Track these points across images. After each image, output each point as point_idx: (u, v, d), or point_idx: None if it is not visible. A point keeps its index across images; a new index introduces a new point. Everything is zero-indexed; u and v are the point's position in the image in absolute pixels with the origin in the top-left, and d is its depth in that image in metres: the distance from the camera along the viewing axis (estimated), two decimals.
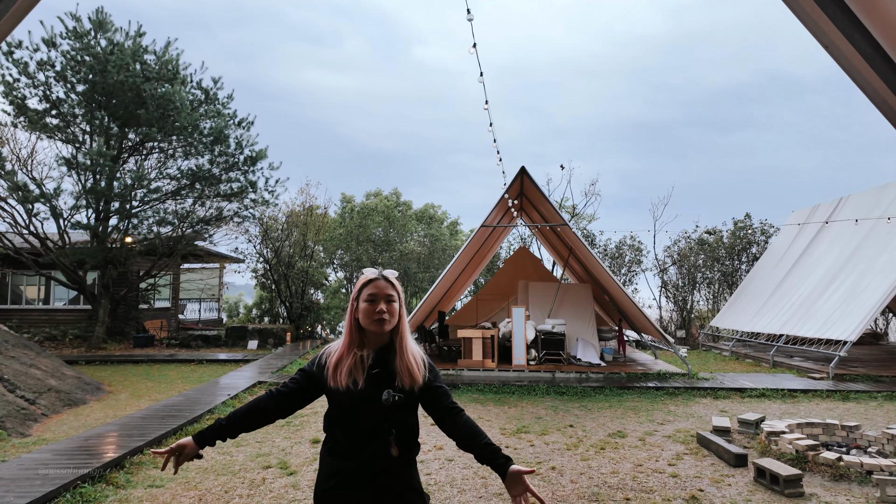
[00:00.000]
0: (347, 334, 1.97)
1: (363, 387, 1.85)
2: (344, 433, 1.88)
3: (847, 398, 8.68)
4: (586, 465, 5.34)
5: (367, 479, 1.84)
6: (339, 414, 1.91)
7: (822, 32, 1.87)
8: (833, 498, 4.44)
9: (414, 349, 2.02)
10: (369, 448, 1.85)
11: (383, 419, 1.87)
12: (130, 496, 4.43)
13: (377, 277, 1.98)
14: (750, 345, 15.12)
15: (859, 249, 11.88)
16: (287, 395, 1.96)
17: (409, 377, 1.92)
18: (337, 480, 1.84)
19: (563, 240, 12.37)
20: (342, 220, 21.27)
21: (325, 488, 1.86)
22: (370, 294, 1.93)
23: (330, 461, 1.89)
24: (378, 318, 1.91)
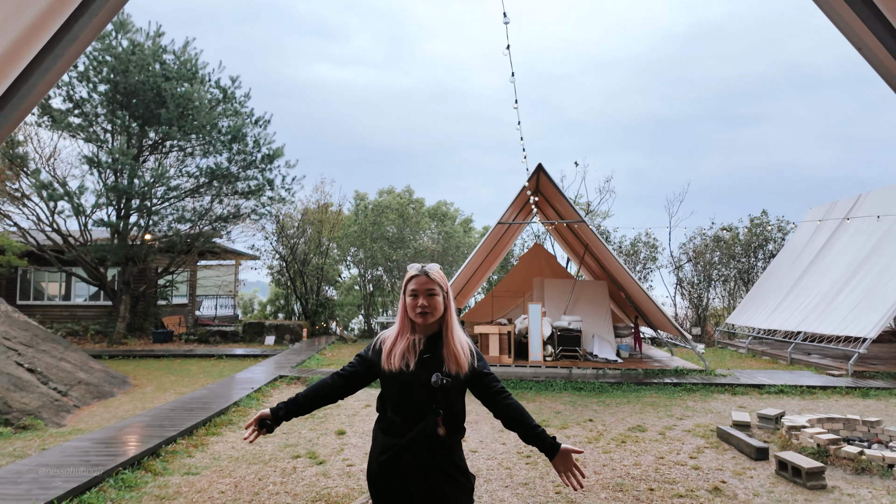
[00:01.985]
0: (400, 322, 2.13)
1: (414, 370, 2.00)
2: (395, 412, 2.03)
3: (867, 395, 8.66)
4: (608, 457, 5.43)
5: (416, 455, 1.97)
6: (392, 395, 2.06)
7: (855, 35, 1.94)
8: (856, 490, 4.49)
9: (461, 338, 2.16)
10: (418, 426, 1.99)
11: (432, 401, 2.00)
12: (169, 482, 4.59)
13: (419, 273, 2.12)
14: (767, 342, 15.06)
15: (879, 246, 11.80)
16: (347, 377, 2.14)
17: (455, 364, 2.06)
18: (389, 455, 2.00)
19: (578, 237, 12.42)
20: (356, 217, 21.45)
21: (379, 461, 2.03)
22: (412, 290, 2.09)
23: (383, 438, 2.06)
24: (420, 311, 2.06)
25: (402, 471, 1.98)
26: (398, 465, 1.98)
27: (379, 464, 2.03)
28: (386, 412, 2.09)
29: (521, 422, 2.09)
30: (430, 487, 1.99)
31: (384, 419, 2.10)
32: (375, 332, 20.04)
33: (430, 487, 1.99)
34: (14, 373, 7.05)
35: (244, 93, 15.44)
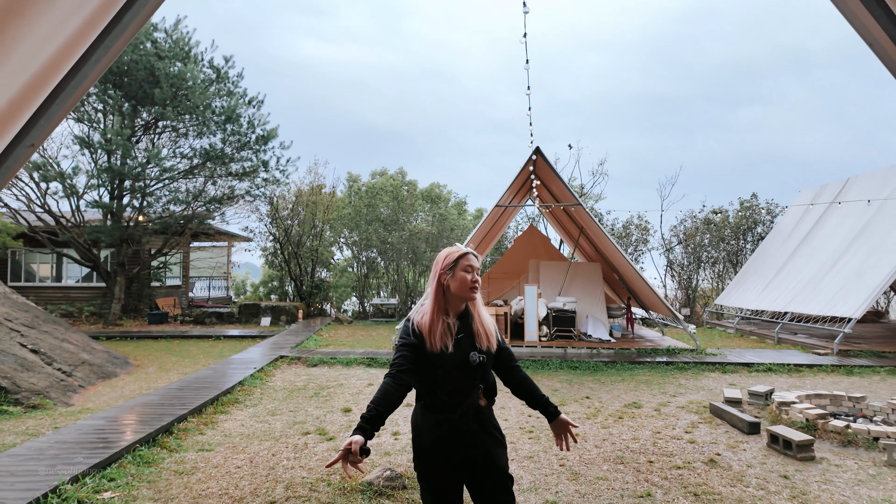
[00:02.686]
0: (435, 303, 2.22)
1: (452, 350, 2.15)
2: (442, 391, 2.16)
3: (851, 372, 8.99)
4: (607, 432, 5.65)
5: (466, 427, 2.18)
6: (433, 375, 2.16)
7: (868, 32, 2.06)
8: (842, 462, 4.74)
9: (487, 315, 2.34)
10: (465, 401, 2.17)
11: (472, 376, 2.19)
12: (185, 458, 4.73)
13: (469, 252, 2.28)
14: (754, 322, 15.44)
15: (866, 229, 12.10)
16: (407, 371, 2.16)
17: (486, 339, 2.25)
18: (443, 430, 2.15)
19: (574, 219, 12.57)
20: (349, 199, 21.42)
21: (434, 437, 2.16)
22: (468, 265, 2.23)
23: (431, 415, 2.18)
24: (472, 286, 2.22)
25: (455, 443, 2.15)
26: (451, 439, 2.15)
27: (433, 440, 2.15)
28: (432, 392, 2.18)
29: (531, 391, 2.38)
30: (479, 451, 2.21)
31: (429, 397, 2.20)
32: (369, 313, 20.19)
33: (480, 450, 2.21)
34: (19, 354, 7.10)
35: (237, 72, 15.27)
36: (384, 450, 5.01)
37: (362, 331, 15.45)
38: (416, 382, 2.22)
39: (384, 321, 18.49)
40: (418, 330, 2.17)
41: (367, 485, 3.99)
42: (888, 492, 4.07)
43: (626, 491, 4.06)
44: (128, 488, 4.02)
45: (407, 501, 3.83)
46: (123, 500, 3.83)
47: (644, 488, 4.10)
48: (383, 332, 14.81)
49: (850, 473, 4.45)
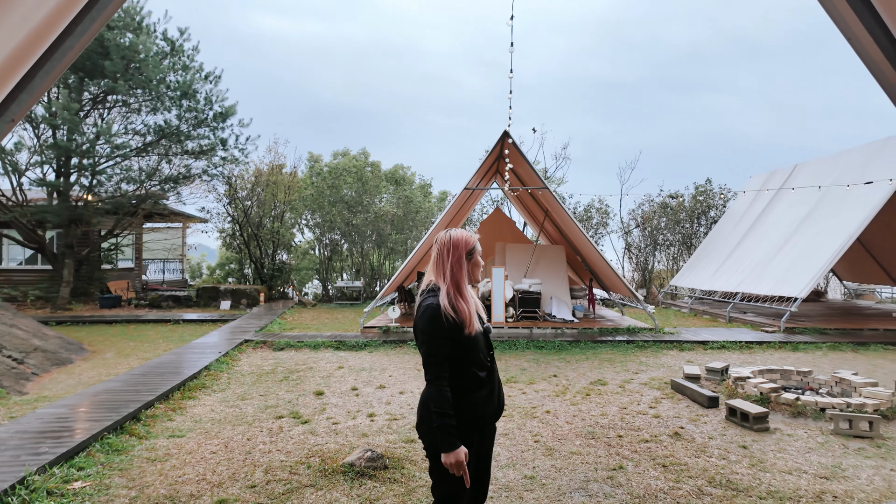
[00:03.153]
0: (456, 285, 2.21)
1: (478, 328, 2.24)
2: (478, 367, 2.20)
3: (797, 349, 9.58)
4: (576, 408, 5.85)
5: (499, 394, 2.33)
6: (468, 354, 2.17)
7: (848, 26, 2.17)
8: (794, 431, 5.08)
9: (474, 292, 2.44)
10: (494, 370, 2.29)
11: (489, 345, 2.32)
12: (156, 445, 4.61)
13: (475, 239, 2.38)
14: (707, 302, 16.16)
15: (812, 213, 12.79)
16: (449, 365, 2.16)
17: (486, 314, 2.39)
18: (491, 404, 2.24)
19: (539, 202, 12.75)
20: (311, 180, 20.99)
21: (489, 413, 2.25)
22: (479, 253, 2.35)
23: (478, 393, 2.19)
24: (482, 271, 2.38)
25: (500, 409, 2.31)
26: (499, 407, 2.30)
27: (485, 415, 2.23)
28: (470, 371, 2.17)
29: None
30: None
31: (466, 377, 2.16)
32: (334, 296, 19.98)
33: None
34: None
35: (193, 45, 14.59)
36: (361, 431, 5.03)
37: (327, 314, 15.30)
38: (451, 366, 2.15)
39: (349, 304, 18.35)
40: (456, 317, 2.10)
41: (348, 466, 4.01)
42: (836, 458, 4.39)
43: (599, 464, 4.23)
44: (99, 477, 3.90)
45: (389, 481, 3.87)
46: (96, 489, 3.72)
47: (616, 461, 4.29)
48: (349, 316, 14.72)
49: (802, 442, 4.78)
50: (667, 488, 3.78)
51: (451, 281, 2.19)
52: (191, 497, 3.63)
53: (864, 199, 11.24)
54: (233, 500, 3.60)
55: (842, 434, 4.95)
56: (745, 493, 3.70)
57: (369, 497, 3.63)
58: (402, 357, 8.74)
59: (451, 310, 2.10)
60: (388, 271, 21.25)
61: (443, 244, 2.26)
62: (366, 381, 7.04)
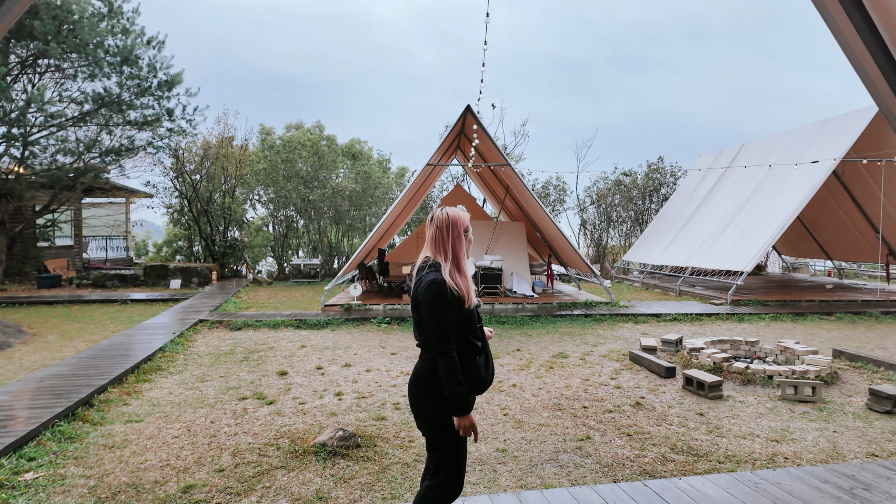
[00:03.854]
0: (455, 261, 2.27)
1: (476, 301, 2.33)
2: (477, 337, 2.32)
3: (742, 320, 10.11)
4: (541, 381, 5.97)
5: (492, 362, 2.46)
6: (468, 324, 2.27)
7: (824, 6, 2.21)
8: (745, 398, 5.37)
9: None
10: (486, 341, 2.42)
11: (480, 317, 2.40)
12: (113, 431, 4.41)
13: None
14: (658, 276, 16.79)
15: (757, 191, 13.39)
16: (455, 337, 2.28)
17: (475, 287, 2.41)
18: (490, 367, 2.39)
19: (500, 179, 12.78)
20: (263, 153, 20.25)
21: (488, 377, 2.36)
22: (471, 231, 2.41)
23: (477, 360, 2.31)
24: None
25: (492, 376, 2.42)
26: (491, 374, 2.40)
27: (488, 377, 2.35)
28: (471, 342, 2.29)
29: None
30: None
31: (468, 345, 2.27)
32: (290, 274, 19.56)
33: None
34: None
35: (133, 7, 13.61)
36: (329, 410, 4.97)
37: (284, 292, 14.97)
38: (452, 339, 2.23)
39: (306, 282, 18.02)
40: (459, 292, 2.19)
41: (320, 446, 3.95)
42: (784, 422, 4.68)
43: (567, 435, 4.35)
44: (53, 467, 3.70)
45: (362, 459, 3.85)
46: (50, 479, 3.52)
47: (583, 432, 4.42)
48: (307, 293, 14.45)
49: (752, 408, 5.06)
50: (633, 456, 3.93)
51: (452, 257, 2.26)
52: (155, 484, 3.50)
53: (805, 178, 11.85)
54: (201, 484, 3.49)
55: (788, 399, 5.28)
56: (705, 458, 3.89)
57: (343, 476, 3.60)
58: (365, 335, 8.67)
59: (454, 285, 2.17)
60: (347, 248, 20.94)
61: (442, 222, 2.30)
62: (330, 360, 6.95)
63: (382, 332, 8.93)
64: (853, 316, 10.30)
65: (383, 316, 9.83)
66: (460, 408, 2.14)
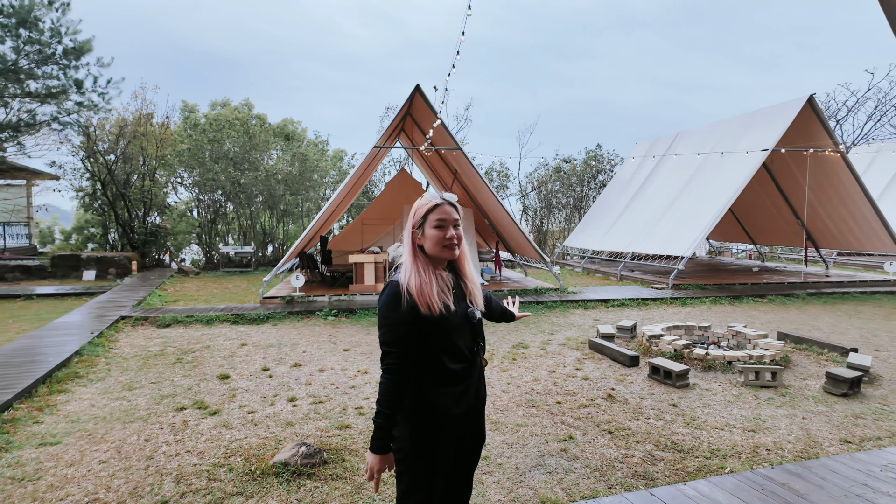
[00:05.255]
0: (413, 258, 1.88)
1: (454, 308, 1.85)
2: (452, 357, 1.85)
3: (685, 304, 10.40)
4: (508, 375, 5.73)
5: (480, 392, 1.97)
6: (440, 341, 1.83)
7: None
8: (709, 385, 5.39)
9: (473, 272, 2.08)
10: (474, 365, 1.93)
11: (475, 335, 1.95)
12: (22, 459, 3.69)
13: (441, 202, 1.93)
14: (597, 261, 17.14)
15: (693, 178, 13.86)
16: (413, 356, 1.82)
17: (479, 298, 2.00)
18: (465, 402, 1.88)
19: (447, 164, 12.42)
20: (186, 132, 18.71)
21: (458, 413, 1.87)
22: (439, 220, 1.88)
23: (447, 390, 1.86)
24: (448, 244, 1.88)
25: (474, 413, 1.94)
26: (472, 409, 1.92)
27: (457, 416, 1.87)
28: (441, 362, 1.83)
29: (501, 311, 2.36)
30: (481, 417, 2.03)
31: (436, 368, 1.83)
32: (220, 263, 18.31)
33: (482, 417, 2.03)
34: None
35: None
36: (284, 420, 4.46)
37: (215, 283, 13.93)
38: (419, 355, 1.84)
39: (238, 272, 16.94)
40: (410, 295, 1.78)
41: (281, 465, 3.47)
42: (754, 410, 4.69)
43: (548, 436, 4.11)
44: None
45: (332, 478, 3.41)
46: None
47: (563, 431, 4.20)
48: (241, 284, 13.52)
49: (720, 396, 5.06)
50: (620, 457, 3.74)
51: (410, 253, 1.88)
52: None
53: (739, 167, 12.35)
54: None
55: (751, 385, 5.34)
56: (692, 455, 3.77)
57: (312, 501, 3.15)
58: (312, 329, 8.10)
59: (407, 287, 1.80)
60: (282, 235, 19.88)
61: (410, 213, 1.97)
62: (277, 360, 6.37)
63: (330, 325, 8.39)
64: (783, 298, 10.89)
65: (329, 308, 9.26)
66: (373, 441, 1.78)
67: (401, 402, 1.79)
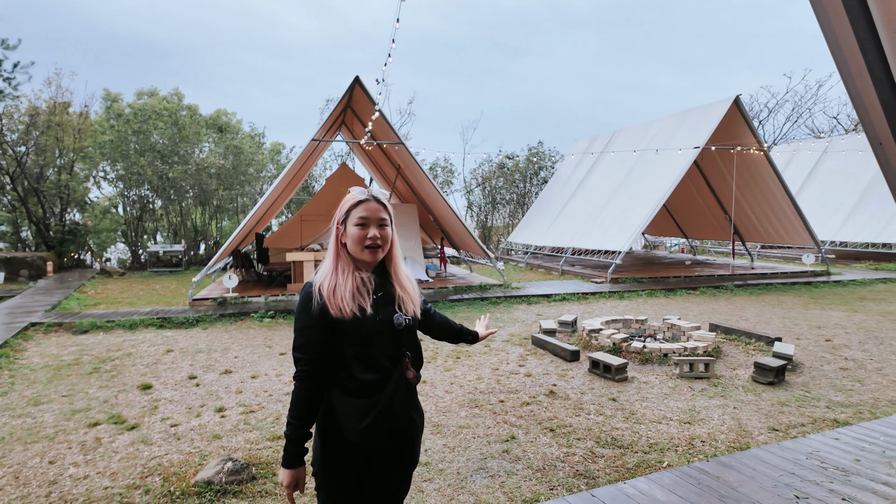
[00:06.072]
0: (335, 257, 1.74)
1: (372, 313, 1.68)
2: (364, 366, 1.69)
3: (623, 297, 10.69)
4: (451, 374, 5.63)
5: (396, 407, 1.72)
6: (353, 348, 1.68)
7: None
8: (646, 378, 5.49)
9: (408, 274, 1.92)
10: (393, 376, 1.72)
11: (399, 344, 1.76)
12: None
13: (367, 198, 1.77)
14: (540, 257, 17.41)
15: (630, 175, 14.28)
16: (325, 363, 1.67)
17: (411, 304, 1.82)
18: (372, 417, 1.67)
19: (390, 158, 12.17)
20: (108, 123, 17.45)
21: (364, 427, 1.66)
22: (361, 217, 1.73)
23: (355, 401, 1.68)
24: (370, 244, 1.73)
25: (387, 430, 1.71)
26: (383, 426, 1.70)
27: (362, 432, 1.67)
28: (351, 371, 1.68)
29: (449, 329, 2.14)
30: (405, 438, 1.79)
31: (348, 377, 1.68)
32: (147, 263, 17.24)
33: (406, 438, 1.79)
34: None
35: None
36: (210, 432, 4.15)
37: (141, 284, 13.08)
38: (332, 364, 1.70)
39: (168, 272, 16.01)
40: (322, 296, 1.66)
41: (204, 484, 3.20)
42: (689, 401, 4.81)
43: (490, 436, 4.03)
44: None
45: (260, 496, 3.18)
46: None
47: (506, 431, 4.13)
48: (169, 285, 12.75)
49: (657, 388, 5.17)
50: (562, 455, 3.71)
51: (333, 251, 1.75)
52: None
53: (672, 164, 12.83)
54: None
55: (686, 377, 5.48)
56: (631, 450, 3.79)
57: None
58: (245, 332, 7.70)
59: (320, 288, 1.68)
60: (216, 233, 18.97)
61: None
62: (206, 367, 5.98)
63: (266, 328, 8.01)
64: (714, 290, 11.40)
65: (266, 309, 8.86)
66: (284, 454, 1.67)
67: (312, 412, 1.66)
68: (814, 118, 38.37)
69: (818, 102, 32.41)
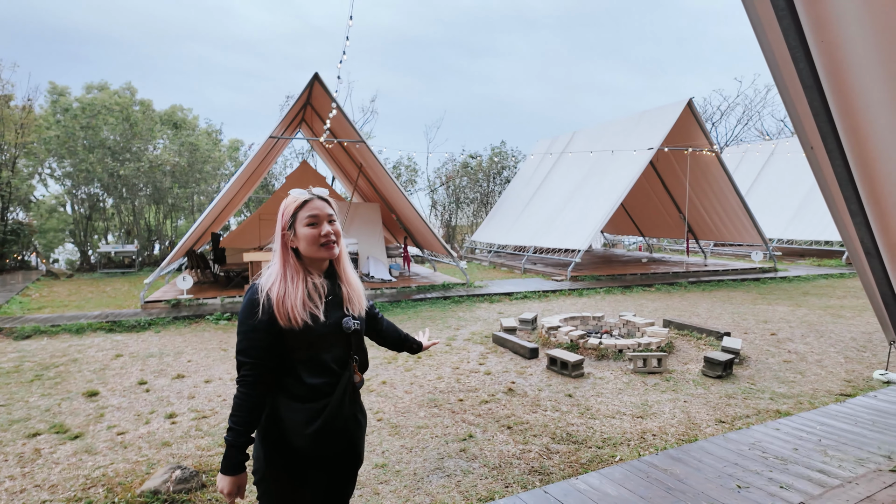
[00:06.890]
0: (282, 262, 1.70)
1: (323, 319, 1.67)
2: (312, 371, 1.68)
3: (582, 294, 10.90)
4: (412, 374, 5.62)
5: (344, 411, 1.73)
6: (301, 354, 1.66)
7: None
8: (602, 374, 5.62)
9: (355, 274, 1.93)
10: (341, 380, 1.72)
11: (348, 347, 1.77)
12: None
13: (311, 197, 1.76)
14: (503, 255, 17.57)
15: (589, 175, 14.57)
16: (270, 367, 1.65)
17: (358, 304, 1.83)
18: (321, 421, 1.66)
19: (352, 157, 12.05)
20: (55, 117, 16.65)
21: (310, 432, 1.65)
22: (311, 216, 1.72)
23: (302, 406, 1.67)
24: (325, 241, 1.72)
25: (335, 434, 1.71)
26: (331, 431, 1.69)
27: (311, 437, 1.65)
28: (299, 376, 1.66)
29: (395, 336, 2.18)
30: (351, 441, 1.80)
31: (295, 383, 1.67)
32: (98, 264, 16.55)
33: (352, 440, 1.80)
34: None
35: None
36: (160, 440, 4.02)
37: (90, 286, 12.55)
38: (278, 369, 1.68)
39: (120, 273, 15.41)
40: (269, 301, 1.63)
41: (150, 494, 3.09)
42: (642, 395, 4.94)
43: (448, 436, 4.04)
44: None
45: (210, 503, 3.09)
46: None
47: (464, 430, 4.15)
48: (121, 287, 12.28)
49: (612, 384, 5.29)
50: (518, 452, 3.75)
51: (280, 257, 1.72)
52: None
53: (629, 164, 13.15)
54: None
55: (640, 372, 5.63)
56: (585, 445, 3.87)
57: None
58: (200, 335, 7.48)
59: (268, 293, 1.65)
60: (171, 232, 18.37)
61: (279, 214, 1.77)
62: (157, 371, 5.78)
63: (222, 330, 7.81)
64: (668, 287, 11.76)
65: (222, 311, 8.64)
66: (225, 460, 1.64)
67: (255, 419, 1.63)
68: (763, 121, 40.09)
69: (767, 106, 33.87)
